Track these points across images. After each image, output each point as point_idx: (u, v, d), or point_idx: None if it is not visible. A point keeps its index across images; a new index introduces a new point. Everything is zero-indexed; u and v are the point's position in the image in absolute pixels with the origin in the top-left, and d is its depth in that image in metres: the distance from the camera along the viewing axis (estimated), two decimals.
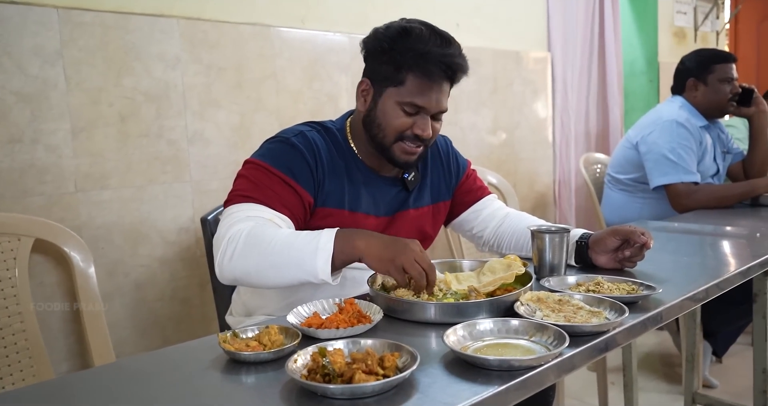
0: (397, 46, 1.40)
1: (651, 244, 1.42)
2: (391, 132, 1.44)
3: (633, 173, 2.80)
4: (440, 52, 1.39)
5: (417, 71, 1.40)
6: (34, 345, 1.61)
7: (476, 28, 3.13)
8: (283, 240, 1.25)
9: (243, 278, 1.29)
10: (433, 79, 1.40)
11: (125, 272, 1.95)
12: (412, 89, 1.41)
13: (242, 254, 1.26)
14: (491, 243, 1.73)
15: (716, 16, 5.01)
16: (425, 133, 1.43)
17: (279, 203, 1.37)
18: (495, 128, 3.27)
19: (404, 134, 1.43)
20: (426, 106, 1.42)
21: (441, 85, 1.43)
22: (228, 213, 1.36)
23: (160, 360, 1.07)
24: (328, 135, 1.51)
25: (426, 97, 1.41)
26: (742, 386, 2.72)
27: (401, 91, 1.42)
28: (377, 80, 1.46)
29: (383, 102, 1.45)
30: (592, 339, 1.02)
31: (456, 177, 1.71)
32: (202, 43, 2.09)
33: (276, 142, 1.46)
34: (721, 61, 2.70)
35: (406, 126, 1.43)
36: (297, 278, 1.25)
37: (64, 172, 1.82)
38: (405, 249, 1.20)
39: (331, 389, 0.82)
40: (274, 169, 1.39)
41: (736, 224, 2.17)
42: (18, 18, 1.72)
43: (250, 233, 1.27)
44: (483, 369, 0.91)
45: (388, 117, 1.44)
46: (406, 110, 1.42)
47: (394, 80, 1.42)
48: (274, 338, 1.01)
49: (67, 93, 1.81)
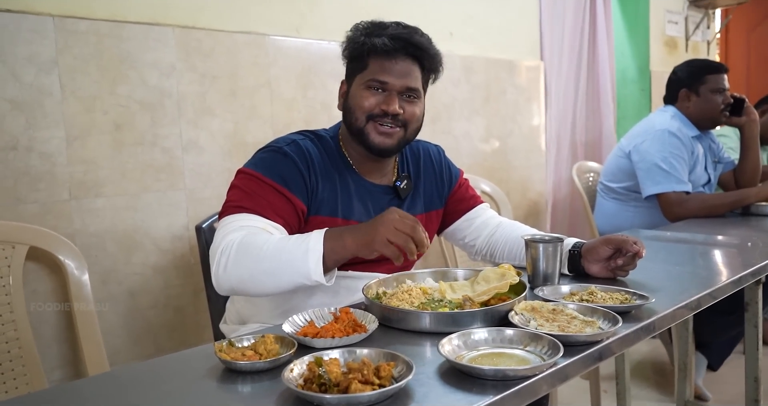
0: (360, 36, 1.48)
1: (643, 253, 1.42)
2: (360, 113, 1.47)
3: (625, 182, 2.81)
4: (397, 31, 1.46)
5: (376, 52, 1.45)
6: (27, 353, 1.60)
7: (469, 37, 3.15)
8: (274, 245, 1.26)
9: (239, 286, 1.29)
10: (393, 56, 1.45)
11: (119, 280, 1.95)
12: (375, 68, 1.46)
13: (235, 263, 1.27)
14: (484, 252, 1.73)
15: (707, 26, 5.05)
16: (391, 107, 1.44)
17: (272, 211, 1.37)
18: (488, 136, 3.29)
19: (373, 113, 1.46)
20: (388, 81, 1.45)
21: (405, 63, 1.46)
22: (222, 224, 1.37)
23: (155, 369, 1.06)
24: (321, 143, 1.53)
25: (387, 72, 1.45)
26: (733, 395, 2.73)
27: (365, 74, 1.47)
28: (349, 76, 1.54)
29: (353, 89, 1.51)
30: (586, 349, 1.03)
31: (449, 186, 1.72)
32: (197, 52, 2.10)
33: (268, 152, 1.47)
34: (713, 72, 2.72)
35: (373, 104, 1.46)
36: (291, 281, 1.26)
37: (58, 180, 1.82)
38: (382, 222, 1.21)
39: (328, 398, 0.82)
40: (267, 178, 1.40)
41: (727, 233, 2.19)
42: (13, 26, 1.72)
43: (242, 242, 1.28)
44: (478, 379, 0.91)
45: (356, 100, 1.48)
46: (371, 88, 1.46)
47: (360, 68, 1.48)
48: (270, 347, 1.01)
49: (61, 101, 1.81)
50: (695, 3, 4.86)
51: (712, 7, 4.94)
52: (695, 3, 4.86)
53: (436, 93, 2.97)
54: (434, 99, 2.96)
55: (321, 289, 1.43)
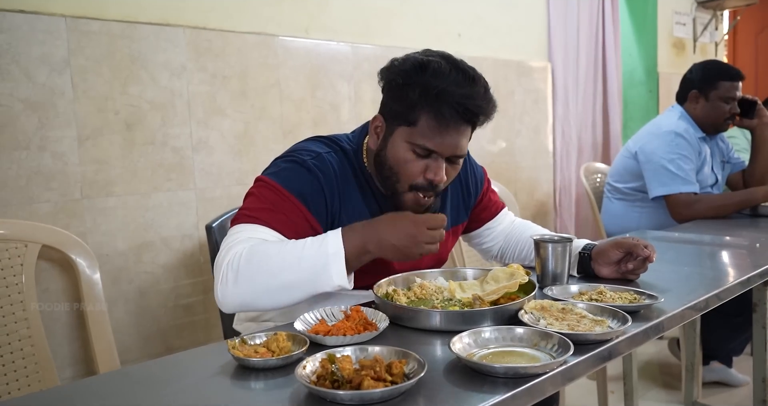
0: (412, 82, 1.28)
1: (654, 257, 1.42)
2: (404, 180, 1.33)
3: (632, 183, 2.81)
4: (459, 92, 1.25)
5: (431, 112, 1.27)
6: (39, 351, 1.62)
7: (477, 38, 3.16)
8: (289, 254, 1.20)
9: (250, 301, 1.22)
10: (449, 123, 1.27)
11: (129, 279, 1.97)
12: (425, 131, 1.28)
13: (246, 277, 1.20)
14: (496, 254, 1.74)
15: (715, 28, 5.05)
16: (437, 177, 1.31)
17: (287, 227, 1.29)
18: (495, 137, 3.29)
19: (417, 182, 1.32)
20: (439, 151, 1.30)
21: (458, 129, 1.29)
22: (231, 233, 1.29)
23: (167, 366, 1.08)
24: (345, 158, 1.41)
25: (439, 140, 1.28)
26: (741, 396, 2.73)
27: (413, 132, 1.29)
28: (390, 117, 1.34)
29: (393, 141, 1.33)
30: (596, 347, 1.03)
31: (474, 195, 1.64)
32: (207, 52, 2.11)
33: (291, 162, 1.37)
34: (727, 79, 2.68)
35: (418, 172, 1.31)
36: (311, 292, 1.22)
37: (70, 180, 1.83)
38: (416, 239, 1.22)
39: (341, 395, 0.83)
40: (287, 191, 1.31)
41: (735, 234, 2.19)
42: (26, 27, 1.74)
43: (250, 252, 1.21)
44: (489, 376, 0.92)
45: (399, 160, 1.32)
46: (417, 152, 1.30)
47: (407, 119, 1.30)
48: (282, 344, 1.02)
49: (73, 101, 1.83)
50: (703, 4, 4.85)
51: (720, 8, 4.94)
52: (703, 4, 4.85)
53: None
54: None
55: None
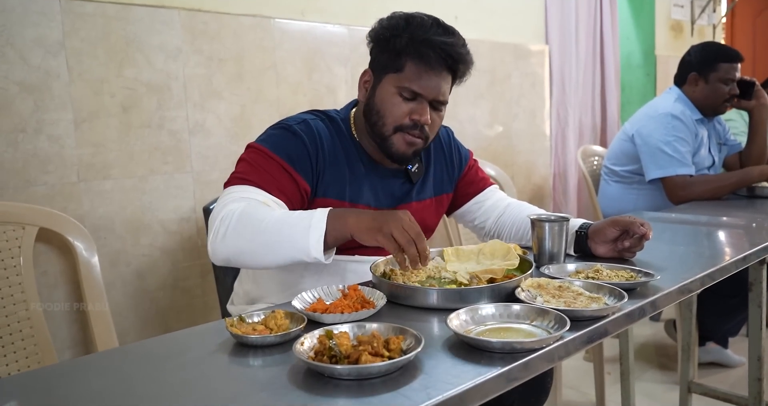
0: (398, 33, 1.42)
1: (650, 235, 1.42)
2: (390, 121, 1.44)
3: (629, 165, 2.81)
4: (441, 40, 1.41)
5: (416, 57, 1.40)
6: (38, 332, 1.62)
7: (474, 21, 3.14)
8: (276, 219, 1.26)
9: (235, 257, 1.29)
10: (432, 66, 1.41)
11: (127, 262, 1.97)
12: (410, 75, 1.41)
13: (234, 233, 1.26)
14: (492, 233, 1.74)
15: (713, 10, 5.03)
16: (423, 118, 1.42)
17: (275, 187, 1.38)
18: (493, 121, 3.29)
19: (403, 123, 1.43)
20: (423, 93, 1.42)
21: (440, 74, 1.43)
22: (224, 194, 1.37)
23: (166, 344, 1.08)
24: (332, 124, 1.51)
25: (424, 82, 1.41)
26: (736, 376, 2.75)
27: (400, 77, 1.42)
28: (378, 69, 1.47)
29: (381, 88, 1.46)
30: (592, 323, 1.04)
31: (458, 169, 1.72)
32: (203, 35, 2.10)
33: (279, 129, 1.47)
34: (726, 61, 2.67)
35: (404, 113, 1.43)
36: (289, 256, 1.25)
37: (67, 163, 1.83)
38: (393, 217, 1.21)
39: (339, 369, 0.83)
40: (274, 154, 1.40)
41: (732, 214, 2.20)
42: (20, 8, 1.72)
43: (242, 212, 1.28)
44: (486, 352, 0.92)
45: (386, 103, 1.44)
46: (403, 96, 1.43)
47: (394, 67, 1.43)
48: (280, 322, 1.03)
49: (69, 84, 1.82)
50: None
51: None
52: None
53: None
54: None
55: (328, 271, 1.44)
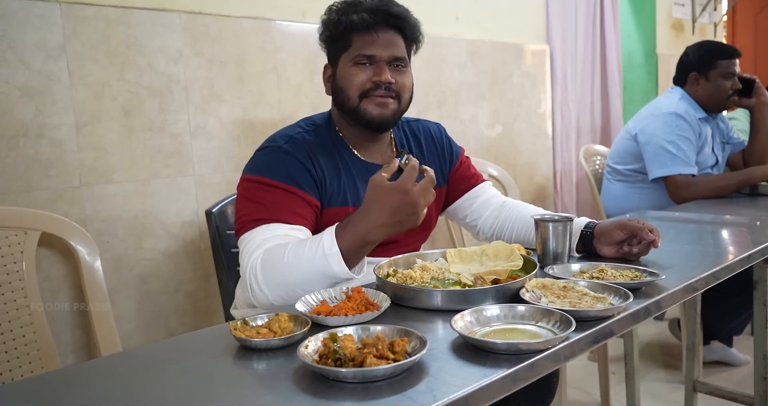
0: (338, 19, 1.47)
1: (659, 242, 1.41)
2: (354, 91, 1.47)
3: (632, 164, 2.81)
4: (374, 4, 1.46)
5: (357, 28, 1.45)
6: (41, 338, 1.62)
7: (475, 21, 3.14)
8: (293, 257, 1.26)
9: (281, 301, 1.29)
10: (375, 29, 1.45)
11: (130, 266, 1.97)
12: (358, 45, 1.46)
13: (266, 284, 1.28)
14: (489, 234, 1.73)
15: (714, 8, 5.02)
16: (383, 77, 1.45)
17: (288, 213, 1.37)
18: (494, 121, 3.28)
19: (366, 88, 1.46)
20: (375, 54, 1.45)
21: (387, 34, 1.46)
22: (242, 243, 1.36)
23: (170, 348, 1.08)
24: (317, 132, 1.53)
25: (372, 45, 1.45)
26: (742, 375, 2.74)
27: (351, 52, 1.47)
28: (332, 57, 1.53)
29: (340, 70, 1.50)
30: (598, 324, 1.03)
31: (450, 163, 1.73)
32: (204, 37, 2.10)
33: (269, 152, 1.46)
34: (725, 57, 2.69)
35: (364, 79, 1.46)
36: (328, 283, 1.27)
37: (69, 167, 1.83)
38: (413, 206, 1.25)
39: (343, 372, 0.83)
40: (274, 181, 1.40)
41: (735, 213, 2.19)
42: (21, 13, 1.72)
43: (263, 261, 1.29)
44: (491, 353, 0.92)
45: (345, 79, 1.48)
46: (359, 64, 1.46)
47: (343, 47, 1.48)
48: (284, 325, 1.02)
49: (70, 87, 1.82)
50: None
51: None
52: None
53: (442, 77, 2.96)
54: (440, 84, 2.96)
55: None
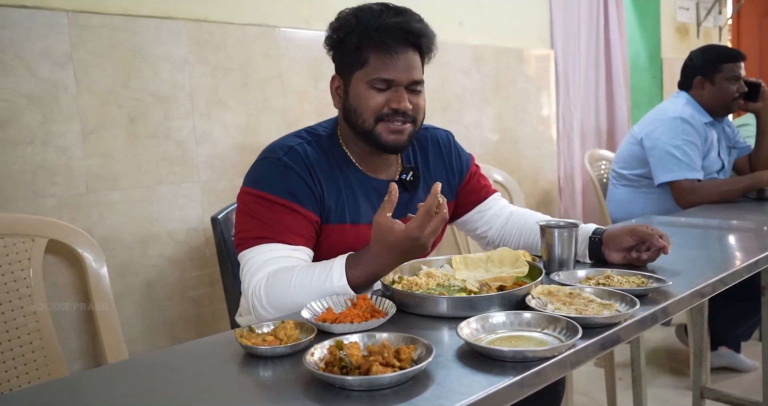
0: (351, 30, 1.38)
1: (669, 249, 1.40)
2: (369, 114, 1.40)
3: (638, 169, 2.80)
4: (395, 21, 1.37)
5: (375, 47, 1.37)
6: (48, 344, 1.63)
7: (479, 26, 3.14)
8: (299, 285, 1.25)
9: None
10: (395, 49, 1.37)
11: (135, 272, 1.97)
12: (377, 65, 1.37)
13: (272, 306, 1.27)
14: (497, 243, 1.71)
15: (719, 12, 5.01)
16: (401, 105, 1.38)
17: (290, 233, 1.35)
18: (498, 126, 3.28)
19: (382, 113, 1.39)
20: (394, 78, 1.38)
21: (406, 55, 1.39)
22: (243, 261, 1.35)
23: (176, 356, 1.08)
24: (318, 144, 1.47)
25: (391, 68, 1.37)
26: (750, 381, 2.73)
27: (367, 71, 1.38)
28: (344, 71, 1.44)
29: (353, 88, 1.42)
30: (604, 331, 1.03)
31: (459, 176, 1.67)
32: (209, 45, 2.11)
33: (268, 164, 1.42)
34: (729, 61, 2.69)
35: (381, 103, 1.39)
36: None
37: (75, 174, 1.84)
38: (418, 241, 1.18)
39: (349, 380, 0.83)
40: (274, 197, 1.36)
41: (741, 218, 2.18)
42: (28, 21, 1.73)
43: (267, 285, 1.28)
44: (497, 361, 0.92)
45: (361, 100, 1.40)
46: (376, 87, 1.39)
47: (358, 63, 1.39)
48: (290, 332, 1.02)
49: (77, 95, 1.83)
50: None
51: None
52: None
53: (446, 83, 2.97)
54: (445, 89, 2.96)
55: None
